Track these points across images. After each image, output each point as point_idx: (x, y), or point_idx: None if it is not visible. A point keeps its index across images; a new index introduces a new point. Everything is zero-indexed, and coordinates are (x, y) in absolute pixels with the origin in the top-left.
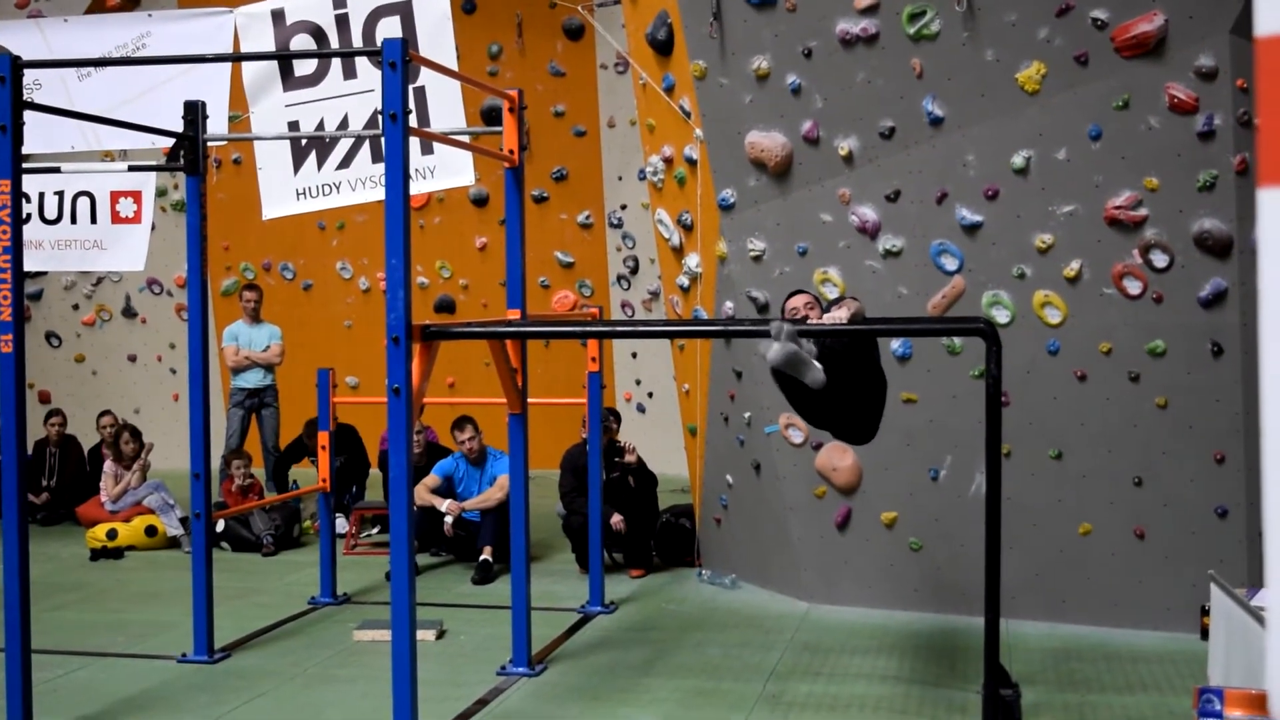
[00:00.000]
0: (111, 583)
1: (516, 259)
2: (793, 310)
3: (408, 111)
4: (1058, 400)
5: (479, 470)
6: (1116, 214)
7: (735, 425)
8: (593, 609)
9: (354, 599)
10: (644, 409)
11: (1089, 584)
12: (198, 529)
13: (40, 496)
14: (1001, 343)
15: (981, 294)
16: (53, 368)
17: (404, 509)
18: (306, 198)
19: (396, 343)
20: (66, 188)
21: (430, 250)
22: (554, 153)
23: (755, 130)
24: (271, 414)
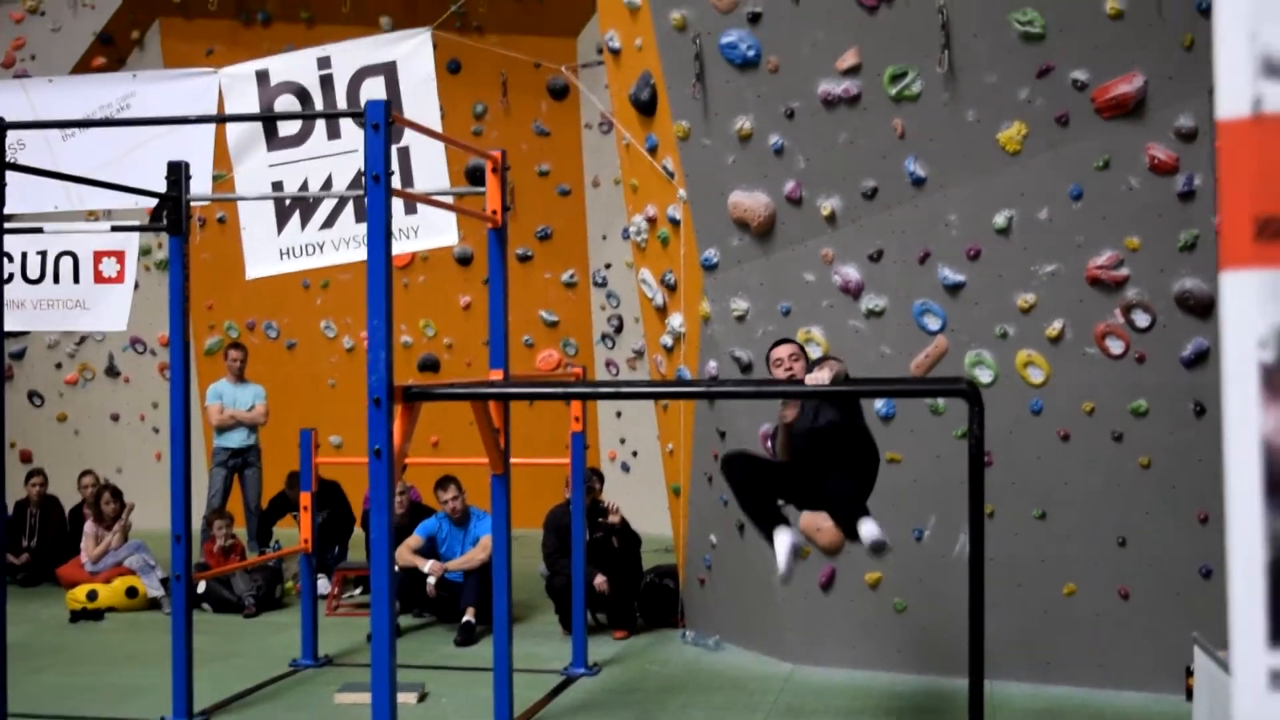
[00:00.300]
0: (91, 644)
1: (500, 319)
2: (777, 360)
3: (390, 173)
4: (1041, 460)
5: (462, 530)
6: (1098, 274)
7: (719, 485)
8: (576, 671)
9: (336, 661)
10: (628, 468)
11: (1074, 644)
12: (177, 591)
13: (20, 557)
14: (984, 403)
15: (964, 353)
16: (35, 427)
17: (385, 570)
18: (290, 257)
19: (378, 404)
20: (49, 247)
21: (415, 309)
22: (538, 211)
23: (738, 190)
24: (254, 474)
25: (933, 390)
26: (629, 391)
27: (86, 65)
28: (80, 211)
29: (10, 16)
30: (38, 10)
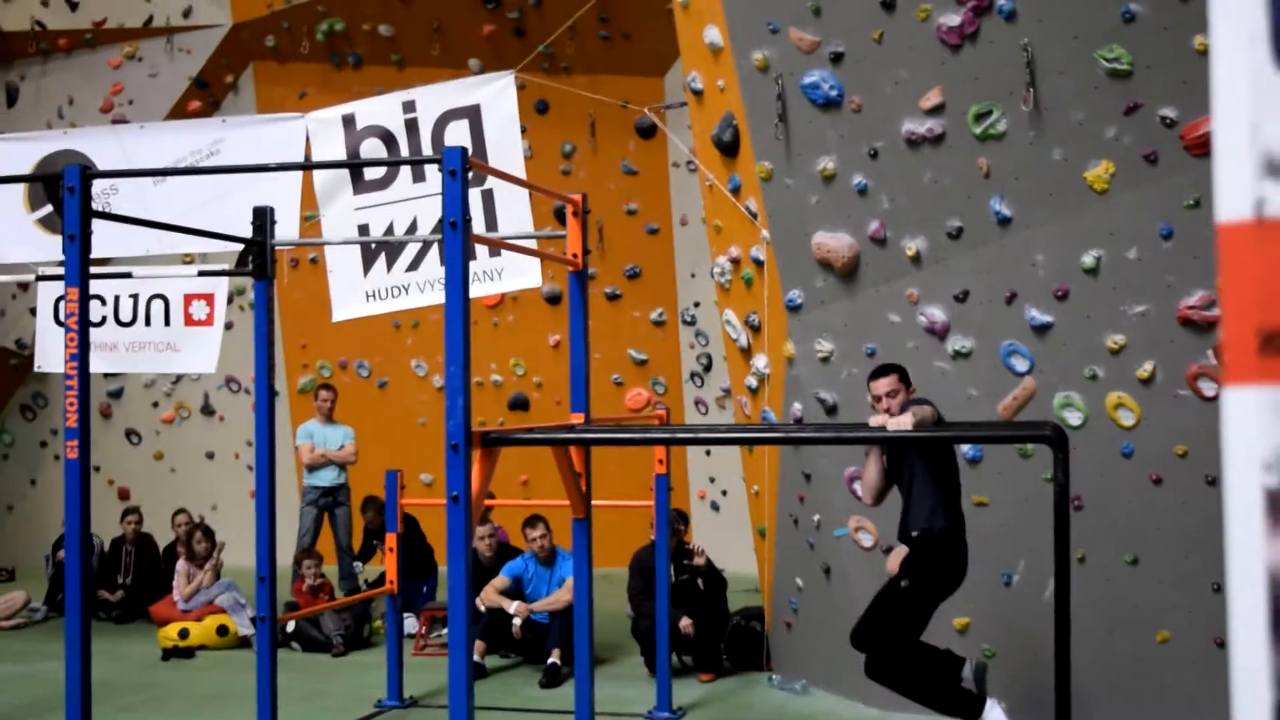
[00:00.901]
0: (181, 683)
1: (581, 361)
2: (875, 397)
3: (468, 219)
4: (1132, 504)
5: (548, 570)
6: (1190, 314)
7: (805, 527)
8: (660, 714)
9: (420, 702)
10: (718, 507)
11: (1167, 692)
12: (262, 631)
13: (115, 594)
14: (1069, 447)
15: (1053, 395)
16: (132, 464)
17: (463, 614)
18: (376, 299)
19: (456, 450)
20: (141, 291)
21: (505, 348)
22: (627, 250)
23: (822, 231)
24: (344, 513)
25: (1017, 436)
26: (706, 437)
27: (182, 109)
28: (173, 256)
29: (108, 63)
30: (135, 56)
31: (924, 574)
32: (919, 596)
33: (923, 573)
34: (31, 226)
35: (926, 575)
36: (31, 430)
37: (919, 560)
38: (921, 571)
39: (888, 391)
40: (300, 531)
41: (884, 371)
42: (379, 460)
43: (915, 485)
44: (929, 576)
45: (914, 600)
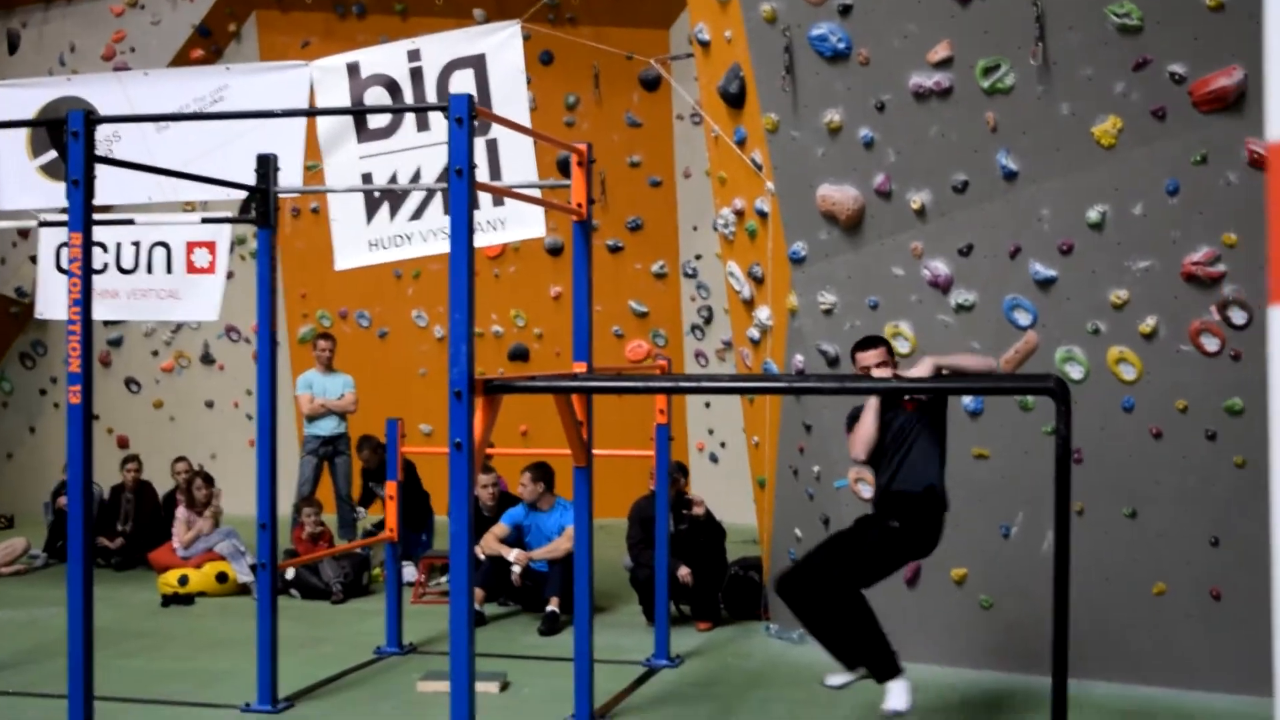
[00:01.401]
0: (181, 629)
1: (584, 311)
2: (864, 368)
3: (473, 167)
4: (1132, 458)
5: (547, 517)
6: (1194, 270)
7: (804, 478)
8: (658, 662)
9: (420, 649)
10: (716, 458)
11: (1163, 644)
12: (263, 579)
13: (115, 541)
14: (1072, 400)
15: (1055, 349)
16: (132, 413)
17: (464, 562)
18: (379, 249)
19: (459, 397)
20: (143, 238)
21: (505, 299)
22: (629, 202)
23: (827, 183)
24: (344, 462)
25: (1020, 388)
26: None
27: (184, 58)
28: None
29: (111, 10)
30: (137, 4)
31: (916, 526)
32: (898, 545)
33: (915, 525)
34: (34, 173)
35: (917, 528)
36: (31, 378)
37: (915, 514)
38: (914, 524)
39: (878, 363)
40: (300, 480)
41: (873, 343)
42: (379, 410)
43: (919, 443)
44: (919, 530)
45: (890, 547)
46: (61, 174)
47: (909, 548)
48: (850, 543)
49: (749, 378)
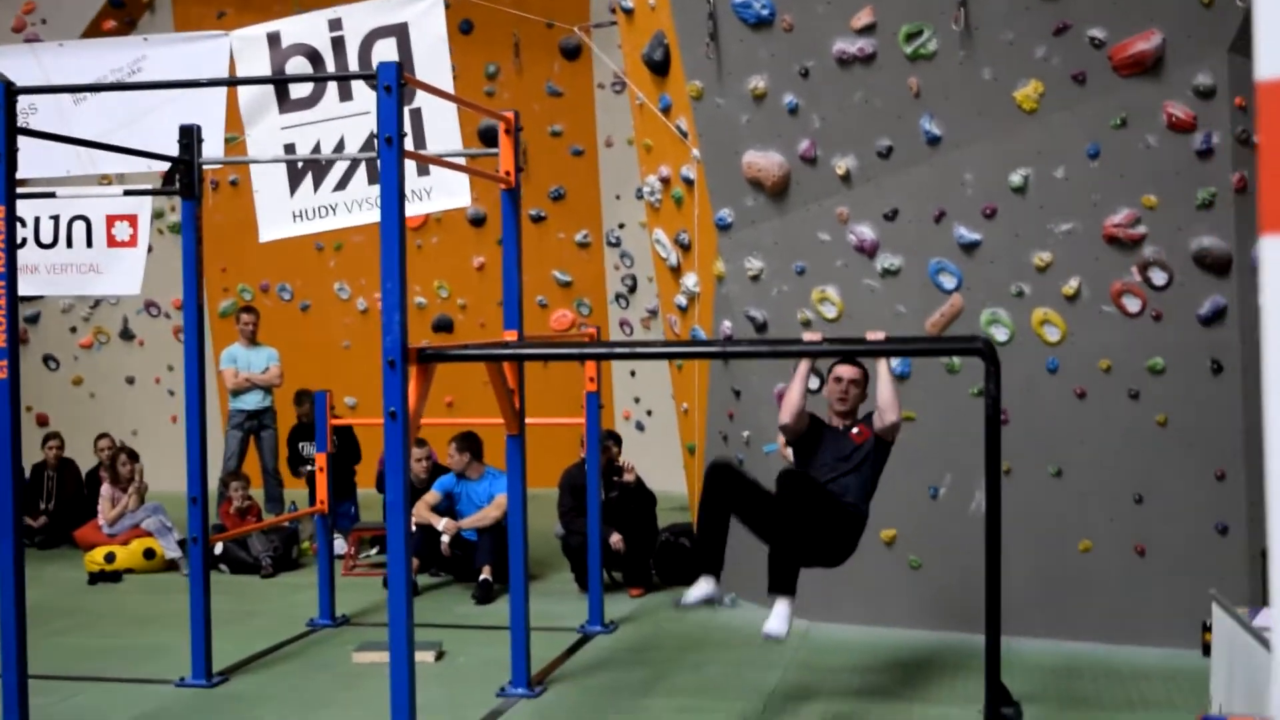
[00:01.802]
0: (109, 606)
1: (514, 280)
2: (837, 378)
3: (403, 135)
4: (1057, 418)
5: (477, 485)
6: (1115, 232)
7: (734, 444)
8: (592, 629)
9: (353, 620)
10: (643, 427)
11: (1090, 601)
12: (195, 553)
13: (38, 520)
14: (1000, 361)
15: (980, 312)
16: (51, 390)
17: (401, 531)
18: (303, 220)
19: (393, 366)
20: (62, 212)
21: (428, 270)
22: (551, 172)
23: (752, 150)
24: (270, 436)
25: (949, 349)
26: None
27: (97, 29)
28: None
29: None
30: None
31: (837, 530)
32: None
33: (837, 529)
34: None
35: (836, 532)
36: None
37: (837, 522)
38: (837, 528)
39: (853, 379)
40: (226, 455)
41: (858, 363)
42: (303, 383)
43: (864, 468)
44: (835, 534)
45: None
46: None
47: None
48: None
49: (682, 343)
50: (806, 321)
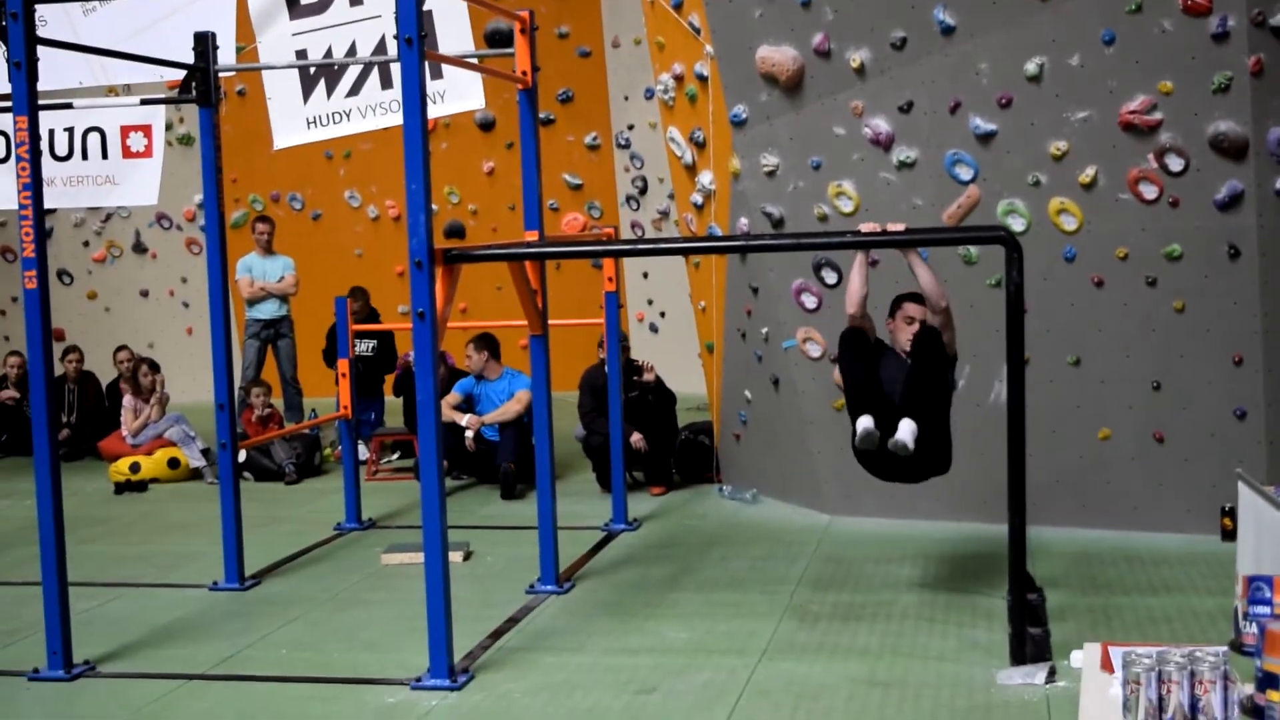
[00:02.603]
0: (137, 515)
1: (533, 181)
2: (908, 317)
3: (423, 35)
4: (1075, 307)
5: (496, 385)
6: (1131, 119)
7: (753, 341)
8: (616, 527)
9: (379, 524)
10: (656, 328)
11: (1109, 488)
12: (224, 458)
13: (60, 433)
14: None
15: (997, 203)
16: (66, 305)
17: (432, 430)
18: (317, 126)
19: (420, 267)
20: (76, 124)
21: (438, 176)
22: (559, 74)
23: (765, 45)
24: (287, 344)
25: (971, 238)
26: (668, 247)
27: None
28: (101, 88)
29: None
30: None
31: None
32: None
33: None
34: None
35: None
36: None
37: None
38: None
39: (917, 317)
40: (244, 364)
41: (919, 300)
42: (317, 292)
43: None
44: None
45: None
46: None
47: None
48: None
49: (704, 239)
50: (823, 216)
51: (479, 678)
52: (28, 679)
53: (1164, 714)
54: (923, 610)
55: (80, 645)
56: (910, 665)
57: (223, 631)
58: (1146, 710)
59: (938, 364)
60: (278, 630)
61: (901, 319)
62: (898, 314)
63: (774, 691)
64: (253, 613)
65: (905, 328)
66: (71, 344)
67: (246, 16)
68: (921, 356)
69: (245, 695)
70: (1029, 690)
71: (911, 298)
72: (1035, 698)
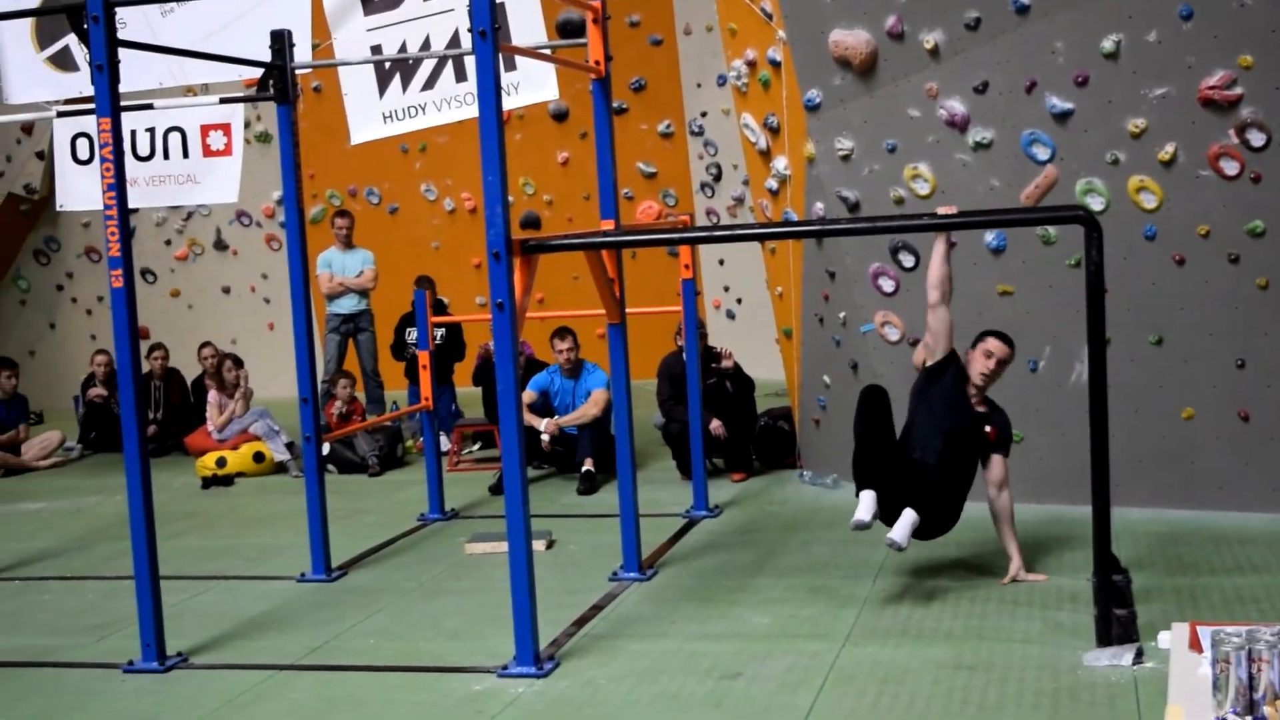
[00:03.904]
0: (224, 509)
1: (608, 170)
2: (987, 353)
3: (497, 27)
4: (1156, 285)
5: (574, 382)
6: (1210, 94)
7: (830, 326)
8: (698, 513)
9: (461, 514)
10: (733, 315)
11: (1194, 468)
12: (309, 451)
13: (148, 429)
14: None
15: (1075, 182)
16: (150, 303)
17: (513, 419)
18: (393, 120)
19: (498, 258)
20: (158, 124)
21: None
22: (631, 63)
23: (838, 28)
24: (368, 338)
25: (1049, 218)
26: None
27: None
28: (181, 88)
29: None
30: None
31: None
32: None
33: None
34: (41, 65)
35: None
36: (46, 274)
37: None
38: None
39: (1002, 359)
40: (325, 359)
41: (1009, 342)
42: (396, 285)
43: (957, 442)
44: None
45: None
46: (70, 64)
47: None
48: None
49: (780, 224)
50: (899, 199)
51: (564, 664)
52: (123, 671)
53: (1255, 692)
54: (1006, 593)
55: (173, 637)
56: (995, 648)
57: (311, 622)
58: (1237, 689)
59: (965, 470)
60: (365, 620)
61: (980, 352)
62: (979, 346)
63: (858, 676)
64: (340, 603)
65: (983, 360)
66: (156, 341)
67: (322, 13)
68: (951, 460)
69: (334, 685)
70: (1116, 672)
71: (998, 335)
72: (1123, 679)
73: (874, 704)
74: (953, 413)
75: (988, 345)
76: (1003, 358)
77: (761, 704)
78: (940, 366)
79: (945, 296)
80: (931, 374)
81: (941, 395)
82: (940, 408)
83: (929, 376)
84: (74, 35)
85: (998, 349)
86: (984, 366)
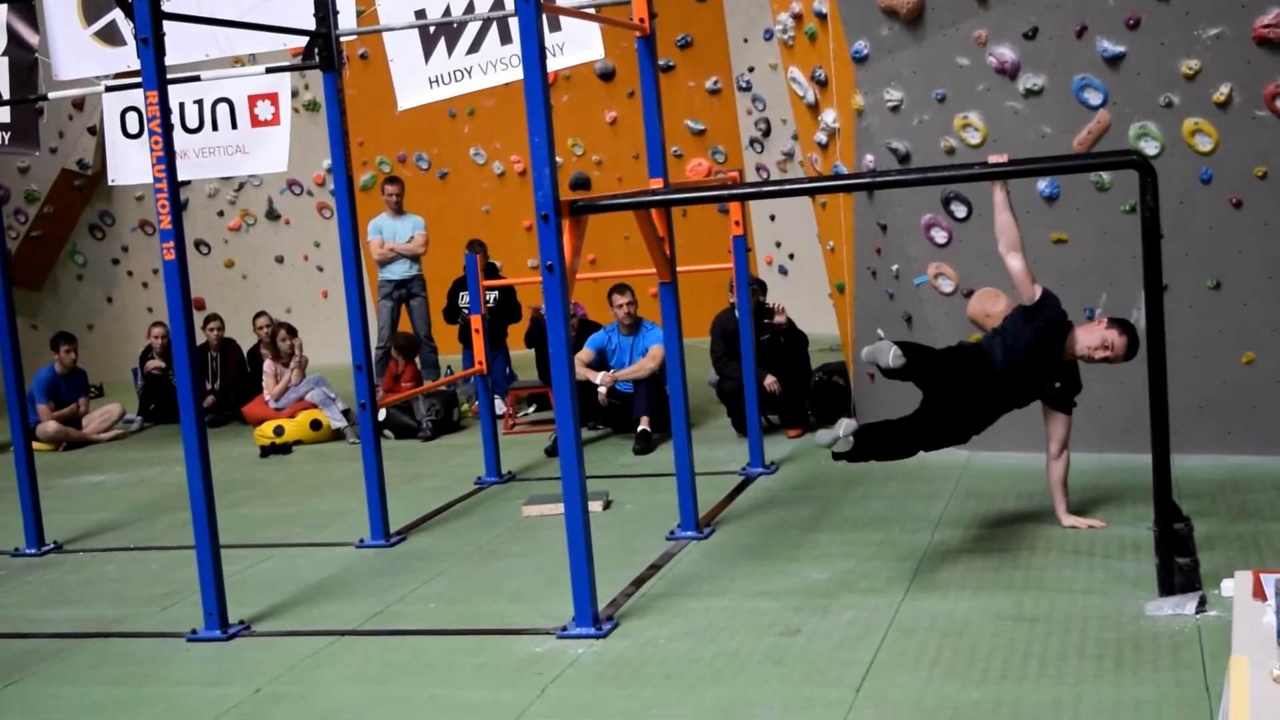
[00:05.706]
0: (283, 477)
1: (655, 128)
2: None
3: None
4: (1213, 229)
5: (631, 340)
6: (1265, 33)
7: (883, 279)
8: (754, 470)
9: (518, 476)
10: (786, 271)
11: (1255, 413)
12: (364, 418)
13: (206, 399)
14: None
15: (1128, 127)
16: (204, 275)
17: (566, 381)
18: (440, 85)
19: (546, 220)
20: (205, 96)
21: (561, 128)
22: (676, 20)
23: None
24: (420, 304)
25: (1103, 164)
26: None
27: None
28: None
29: None
30: None
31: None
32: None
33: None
34: (88, 40)
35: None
36: (102, 249)
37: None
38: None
39: (1111, 358)
40: (379, 325)
41: (1131, 355)
42: (446, 250)
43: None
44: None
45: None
46: (117, 39)
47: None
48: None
49: (830, 178)
50: (950, 149)
51: (623, 624)
52: (187, 640)
53: None
54: (1066, 543)
55: (235, 606)
56: (1056, 599)
57: (371, 588)
58: None
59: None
60: (424, 585)
61: (1101, 337)
62: (1108, 330)
63: (919, 630)
64: (399, 568)
65: (1100, 346)
66: (212, 312)
67: None
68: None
69: (396, 649)
70: (1179, 620)
71: (1130, 340)
72: (1186, 627)
73: (935, 657)
74: (1042, 343)
75: (1111, 336)
76: (1113, 357)
77: (822, 659)
78: (1048, 309)
79: (1012, 244)
80: (1030, 312)
81: (1036, 329)
82: (1029, 332)
83: (1027, 314)
84: (119, 9)
85: (1117, 349)
86: (1093, 350)
